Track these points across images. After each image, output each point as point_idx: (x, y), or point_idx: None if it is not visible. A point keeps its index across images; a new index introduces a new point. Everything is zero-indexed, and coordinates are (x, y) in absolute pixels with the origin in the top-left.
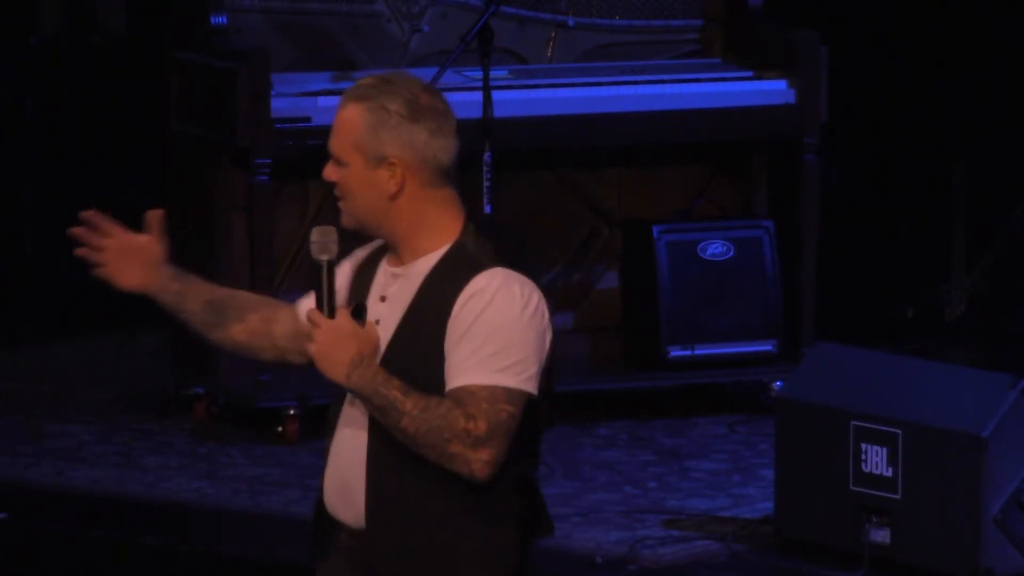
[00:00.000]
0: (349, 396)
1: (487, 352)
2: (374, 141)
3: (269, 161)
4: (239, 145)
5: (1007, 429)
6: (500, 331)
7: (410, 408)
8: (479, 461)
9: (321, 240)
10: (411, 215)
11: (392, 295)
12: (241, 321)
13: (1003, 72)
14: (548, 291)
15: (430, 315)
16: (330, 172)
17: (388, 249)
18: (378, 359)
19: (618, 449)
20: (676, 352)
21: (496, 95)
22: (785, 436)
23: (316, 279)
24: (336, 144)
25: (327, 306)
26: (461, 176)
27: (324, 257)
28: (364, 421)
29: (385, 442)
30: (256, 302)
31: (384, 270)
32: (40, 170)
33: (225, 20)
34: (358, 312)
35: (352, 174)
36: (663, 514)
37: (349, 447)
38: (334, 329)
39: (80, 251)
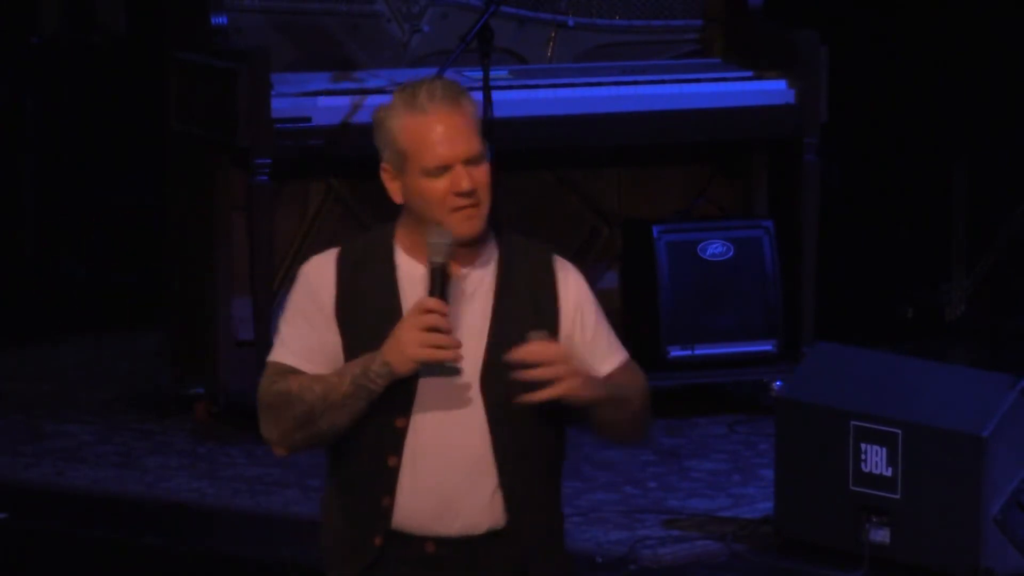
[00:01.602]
0: (421, 409)
1: (605, 326)
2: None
3: (269, 161)
4: (239, 145)
5: (1007, 429)
6: (597, 304)
7: (631, 393)
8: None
9: (436, 242)
10: None
11: (470, 293)
12: None
13: (1003, 72)
14: None
15: (526, 299)
16: (468, 180)
17: (382, 256)
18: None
19: (618, 449)
20: (676, 352)
21: (496, 95)
22: (785, 436)
23: (429, 283)
24: (471, 146)
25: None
26: None
27: (437, 260)
28: (466, 426)
29: (510, 440)
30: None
31: (414, 274)
32: (40, 170)
33: (225, 20)
34: None
35: (486, 174)
36: (663, 514)
37: (443, 457)
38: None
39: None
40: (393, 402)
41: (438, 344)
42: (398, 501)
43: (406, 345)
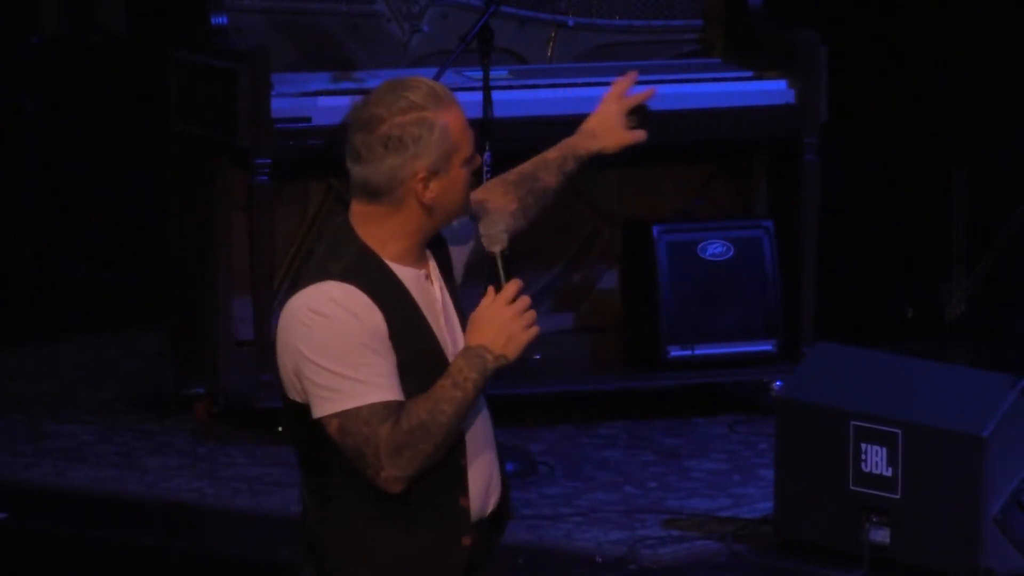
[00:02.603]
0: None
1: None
2: None
3: (269, 161)
4: (239, 145)
5: (1007, 429)
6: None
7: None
8: None
9: (491, 232)
10: None
11: (441, 289)
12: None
13: (1003, 72)
14: (548, 291)
15: (448, 271)
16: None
17: (380, 272)
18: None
19: (618, 449)
20: (676, 352)
21: (496, 95)
22: (785, 436)
23: (491, 271)
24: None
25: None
26: None
27: (496, 248)
28: (484, 412)
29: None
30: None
31: (412, 279)
32: (40, 170)
33: (225, 20)
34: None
35: None
36: (663, 514)
37: (484, 441)
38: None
39: None
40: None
41: (533, 322)
42: (473, 493)
43: (516, 333)
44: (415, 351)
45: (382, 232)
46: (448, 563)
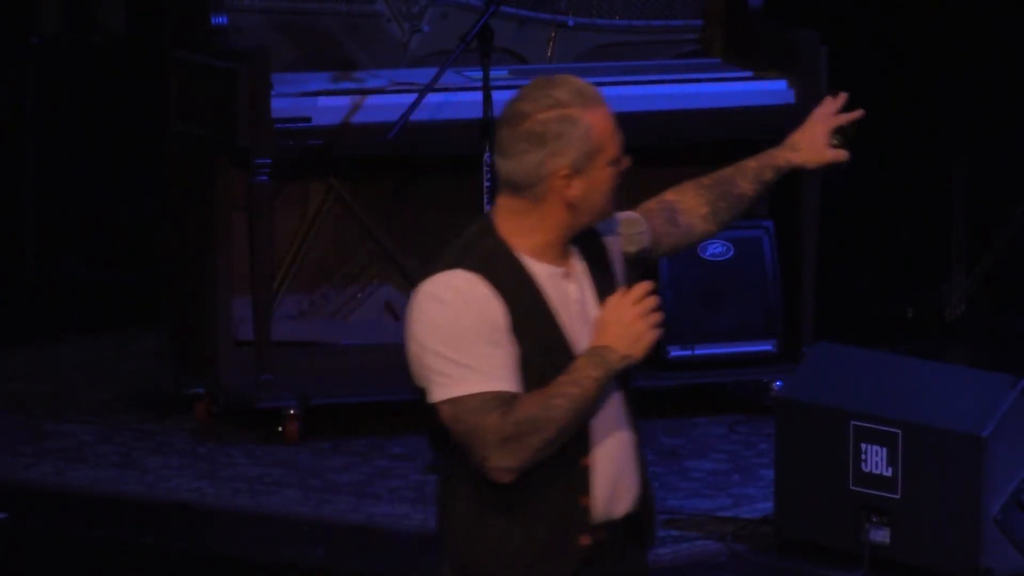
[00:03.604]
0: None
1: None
2: None
3: (269, 161)
4: (239, 145)
5: (1007, 429)
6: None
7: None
8: None
9: (629, 232)
10: None
11: (582, 288)
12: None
13: (1003, 72)
14: None
15: (603, 271)
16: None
17: (511, 266)
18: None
19: None
20: (676, 352)
21: (496, 95)
22: (785, 436)
23: (627, 271)
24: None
25: None
26: (462, 176)
27: (632, 249)
28: (617, 411)
29: (635, 417)
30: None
31: (546, 275)
32: (40, 170)
33: (225, 20)
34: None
35: None
36: (663, 514)
37: (616, 443)
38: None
39: None
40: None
41: (658, 324)
42: (596, 495)
43: (641, 333)
44: (540, 347)
45: (520, 226)
46: (563, 560)
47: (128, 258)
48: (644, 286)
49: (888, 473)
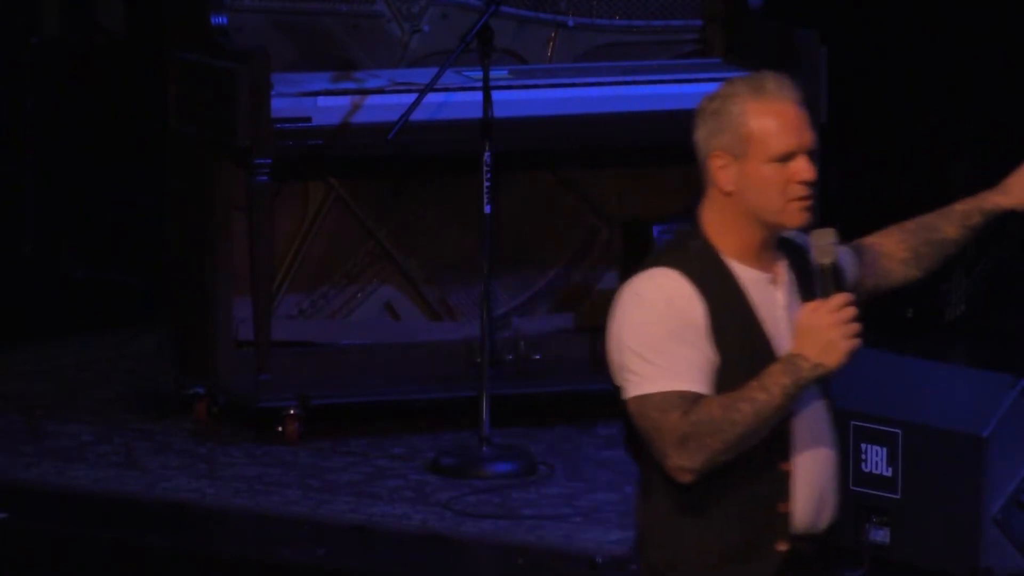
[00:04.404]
0: (797, 411)
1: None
2: None
3: (269, 161)
4: (239, 145)
5: (1007, 429)
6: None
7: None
8: None
9: (821, 244)
10: None
11: (790, 296)
12: None
13: (1003, 72)
14: (548, 291)
15: (808, 280)
16: (812, 170)
17: (716, 268)
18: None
19: (618, 449)
20: None
21: (496, 95)
22: None
23: (820, 282)
24: (813, 138)
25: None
26: (461, 176)
27: (826, 261)
28: (821, 420)
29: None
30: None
31: (753, 280)
32: (40, 170)
33: (225, 20)
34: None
35: (816, 171)
36: None
37: (820, 453)
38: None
39: None
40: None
41: (857, 334)
42: (798, 505)
43: (836, 341)
44: (741, 351)
45: (714, 221)
46: (758, 566)
47: (128, 258)
48: (843, 296)
49: (888, 473)
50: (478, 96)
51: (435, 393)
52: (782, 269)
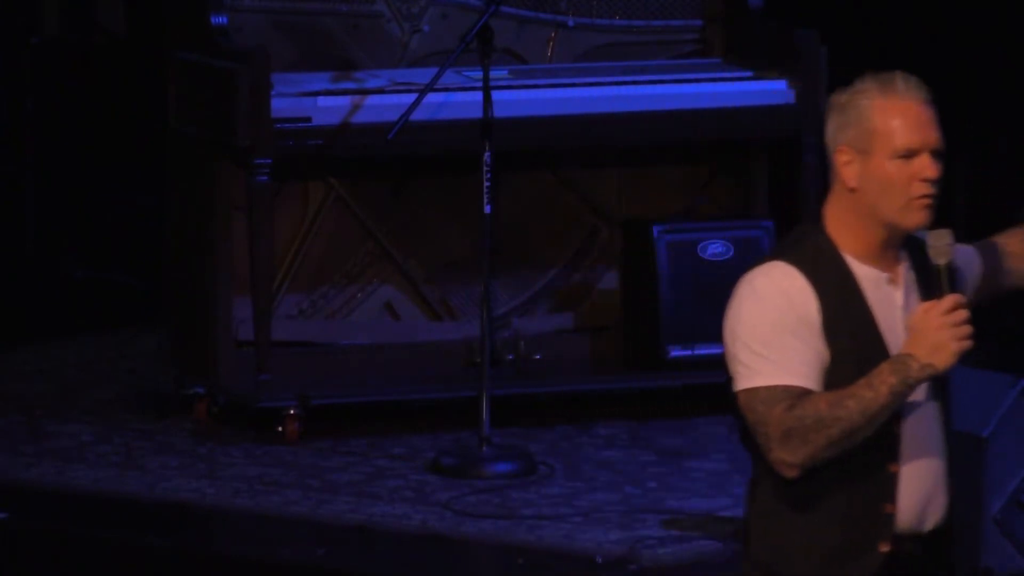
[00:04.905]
0: (907, 411)
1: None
2: None
3: (269, 161)
4: (239, 145)
5: (1007, 429)
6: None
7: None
8: None
9: (937, 244)
10: None
11: (909, 297)
12: None
13: (1004, 72)
14: (548, 291)
15: (929, 281)
16: (935, 168)
17: (834, 265)
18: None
19: (618, 449)
20: (676, 352)
21: (496, 95)
22: None
23: (935, 283)
24: (939, 137)
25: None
26: (461, 176)
27: (941, 261)
28: (932, 421)
29: (948, 430)
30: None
31: (870, 278)
32: (40, 170)
33: (225, 20)
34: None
35: (941, 171)
36: (663, 514)
37: (929, 454)
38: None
39: None
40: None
41: (968, 336)
42: (901, 504)
43: (945, 342)
44: (853, 349)
45: (838, 217)
46: (860, 565)
47: (128, 258)
48: (955, 297)
49: None
50: (478, 96)
51: (435, 393)
52: (903, 269)
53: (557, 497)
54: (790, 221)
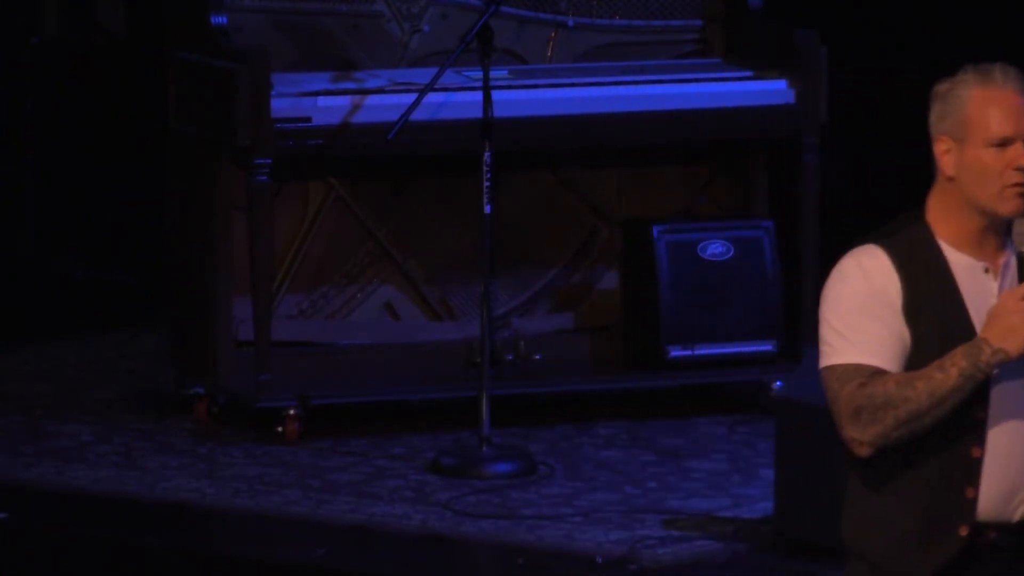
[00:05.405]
0: (996, 397)
1: None
2: None
3: (269, 161)
4: (239, 145)
5: None
6: None
7: None
8: None
9: (1021, 231)
10: None
11: (1009, 279)
12: None
13: None
14: (548, 291)
15: None
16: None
17: (929, 251)
18: None
19: (618, 449)
20: (676, 352)
21: (496, 95)
22: (785, 436)
23: (1020, 270)
24: None
25: None
26: (461, 176)
27: None
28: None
29: None
30: None
31: (964, 266)
32: (40, 170)
33: (225, 20)
34: None
35: None
36: (663, 514)
37: (1014, 443)
38: None
39: None
40: (973, 392)
41: None
42: (983, 493)
43: (1018, 328)
44: (939, 334)
45: (938, 206)
46: (937, 547)
47: (128, 258)
48: None
49: None
50: (478, 96)
51: (435, 393)
52: (1003, 259)
53: (557, 497)
54: (790, 221)
